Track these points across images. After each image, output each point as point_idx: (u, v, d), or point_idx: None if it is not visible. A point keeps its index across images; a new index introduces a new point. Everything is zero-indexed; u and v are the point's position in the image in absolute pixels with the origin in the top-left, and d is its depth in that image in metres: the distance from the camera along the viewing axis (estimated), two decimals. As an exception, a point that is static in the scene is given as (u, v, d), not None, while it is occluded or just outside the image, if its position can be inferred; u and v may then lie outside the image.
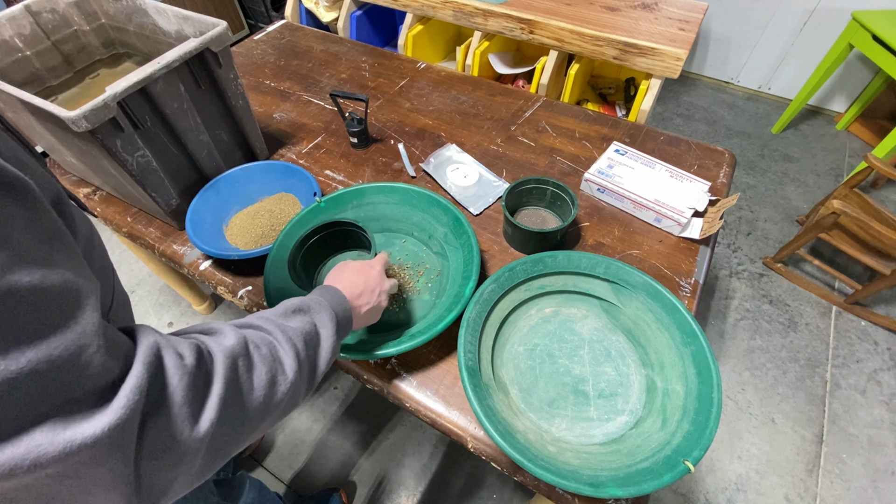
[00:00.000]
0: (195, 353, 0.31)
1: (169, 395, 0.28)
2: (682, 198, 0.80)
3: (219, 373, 0.32)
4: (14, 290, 0.23)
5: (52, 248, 0.27)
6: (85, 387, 0.25)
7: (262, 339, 0.38)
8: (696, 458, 0.49)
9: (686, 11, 1.24)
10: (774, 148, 2.15)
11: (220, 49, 0.72)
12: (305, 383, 0.41)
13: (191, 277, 0.89)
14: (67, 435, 0.23)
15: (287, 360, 0.38)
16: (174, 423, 0.28)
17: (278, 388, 0.37)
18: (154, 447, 0.27)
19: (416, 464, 1.24)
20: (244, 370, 0.35)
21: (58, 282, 0.25)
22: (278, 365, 0.38)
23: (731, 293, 1.62)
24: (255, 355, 0.36)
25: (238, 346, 0.35)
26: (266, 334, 0.39)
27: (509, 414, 0.57)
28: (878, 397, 1.37)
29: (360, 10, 1.61)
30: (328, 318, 0.46)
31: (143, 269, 1.68)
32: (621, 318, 0.67)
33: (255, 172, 0.84)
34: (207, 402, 0.31)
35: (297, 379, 0.39)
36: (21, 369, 0.22)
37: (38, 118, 0.63)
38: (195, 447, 0.29)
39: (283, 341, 0.40)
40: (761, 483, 1.22)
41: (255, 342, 0.37)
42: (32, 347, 0.23)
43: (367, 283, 0.55)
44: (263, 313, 0.43)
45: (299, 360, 0.40)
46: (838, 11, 1.96)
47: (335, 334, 0.46)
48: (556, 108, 1.07)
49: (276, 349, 0.39)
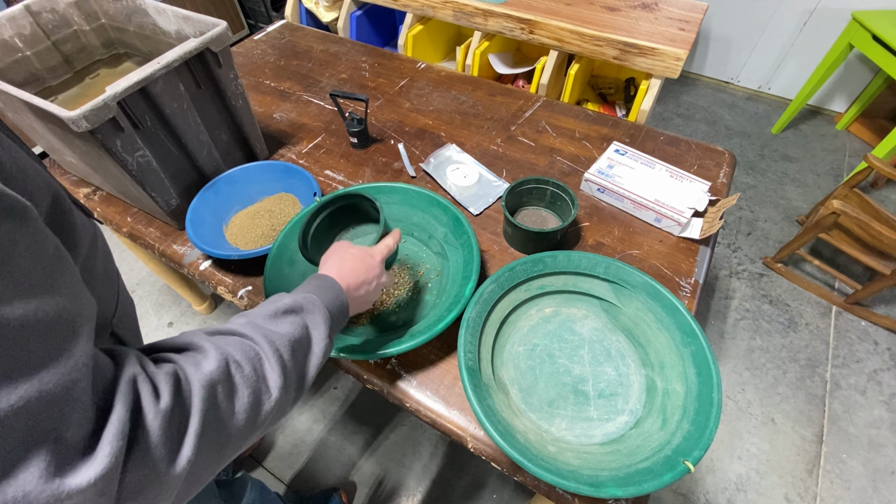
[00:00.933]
0: (172, 386, 0.30)
1: (146, 435, 0.28)
2: (682, 198, 0.80)
3: (196, 406, 0.30)
4: (7, 322, 0.22)
5: (50, 273, 0.26)
6: (73, 424, 0.24)
7: (245, 354, 0.36)
8: (696, 458, 0.49)
9: (686, 11, 1.24)
10: (774, 148, 2.15)
11: (220, 49, 0.72)
12: (293, 393, 0.39)
13: (191, 277, 0.89)
14: (55, 485, 0.23)
15: (272, 377, 0.36)
16: (151, 462, 0.27)
17: (262, 409, 0.35)
18: (132, 487, 0.27)
19: (416, 464, 1.24)
20: (224, 397, 0.33)
21: (52, 311, 0.25)
22: (262, 384, 0.36)
23: (731, 293, 1.62)
24: (236, 377, 0.34)
25: (218, 370, 0.33)
26: (252, 344, 0.37)
27: (509, 414, 0.57)
28: (878, 397, 1.37)
29: (360, 10, 1.61)
30: (322, 320, 0.43)
31: (143, 269, 1.68)
32: (621, 318, 0.67)
33: (255, 172, 0.84)
34: (185, 439, 0.29)
35: (282, 395, 0.37)
36: (12, 406, 0.22)
37: (39, 118, 0.63)
38: (172, 483, 0.29)
39: (270, 353, 0.37)
40: (761, 483, 1.22)
41: (238, 360, 0.35)
42: (25, 382, 0.22)
43: (367, 272, 0.53)
44: (253, 314, 0.41)
45: (286, 373, 0.38)
46: (838, 11, 1.96)
47: (328, 336, 0.44)
48: (556, 108, 1.07)
49: (262, 364, 0.36)
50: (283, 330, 0.40)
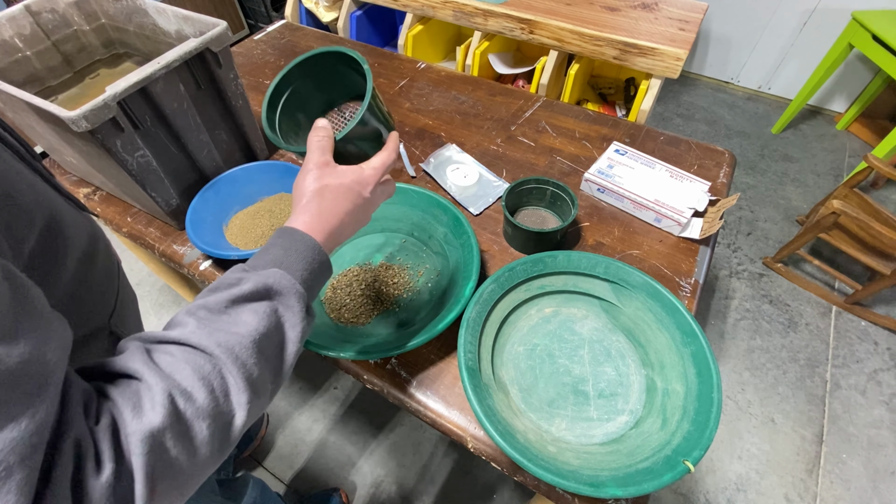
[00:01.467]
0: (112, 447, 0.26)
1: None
2: (682, 198, 0.80)
3: (139, 467, 0.26)
4: None
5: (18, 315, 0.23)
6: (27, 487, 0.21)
7: (197, 374, 0.29)
8: (696, 458, 0.49)
9: (686, 11, 1.24)
10: (774, 148, 2.15)
11: (220, 49, 0.72)
12: (269, 392, 0.35)
13: (191, 277, 0.89)
14: None
15: (236, 394, 0.31)
16: None
17: (230, 430, 0.31)
18: None
19: (416, 464, 1.24)
20: (176, 441, 0.28)
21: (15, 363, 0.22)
22: (225, 405, 0.30)
23: (731, 293, 1.62)
24: (187, 413, 0.28)
25: (163, 414, 0.27)
26: (206, 359, 0.30)
27: (509, 414, 0.57)
28: (878, 397, 1.37)
29: (360, 10, 1.61)
30: (295, 300, 0.36)
31: (143, 269, 1.68)
32: (621, 318, 0.67)
33: (255, 172, 0.84)
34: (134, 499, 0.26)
35: (253, 405, 0.32)
36: None
37: (39, 118, 0.63)
38: None
39: (230, 365, 0.31)
40: (761, 483, 1.22)
41: (188, 390, 0.29)
42: None
43: (355, 202, 0.43)
44: (207, 304, 0.34)
45: (253, 381, 0.32)
46: (838, 11, 1.96)
47: (304, 315, 0.37)
48: (556, 108, 1.07)
49: (222, 381, 0.30)
50: (244, 327, 0.33)
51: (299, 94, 0.52)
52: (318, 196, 0.41)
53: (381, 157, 0.46)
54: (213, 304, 0.33)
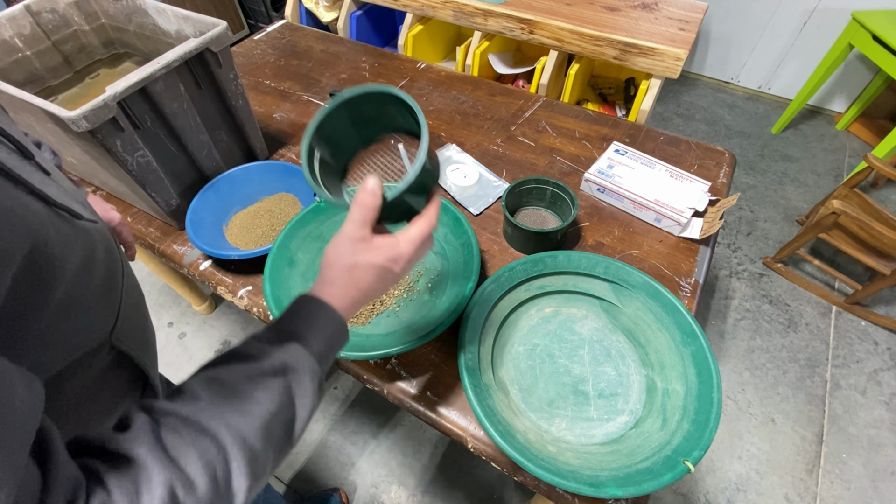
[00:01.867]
0: None
1: None
2: (682, 198, 0.80)
3: None
4: None
5: None
6: None
7: (202, 460, 0.28)
8: (696, 458, 0.49)
9: (686, 11, 1.24)
10: (774, 148, 2.15)
11: (220, 49, 0.72)
12: (269, 471, 0.34)
13: (191, 277, 0.89)
14: None
15: (238, 481, 0.30)
16: None
17: None
18: None
19: (416, 464, 1.24)
20: None
21: None
22: (226, 492, 0.29)
23: (731, 293, 1.62)
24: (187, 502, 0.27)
25: None
26: (214, 445, 0.29)
27: (509, 414, 0.57)
28: (878, 397, 1.37)
29: (360, 9, 1.61)
30: (309, 378, 0.36)
31: (143, 269, 1.68)
32: (621, 318, 0.67)
33: (255, 172, 0.84)
34: None
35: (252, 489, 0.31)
36: None
37: (39, 118, 0.63)
38: None
39: (237, 451, 0.30)
40: (761, 483, 1.22)
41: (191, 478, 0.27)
42: None
43: (386, 284, 0.43)
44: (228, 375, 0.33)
45: (257, 466, 0.31)
46: (838, 11, 1.96)
47: (316, 393, 0.37)
48: (556, 108, 1.07)
49: (226, 467, 0.29)
50: (257, 407, 0.32)
51: (335, 128, 0.48)
52: (348, 272, 0.41)
53: (420, 226, 0.43)
54: (228, 379, 0.33)
